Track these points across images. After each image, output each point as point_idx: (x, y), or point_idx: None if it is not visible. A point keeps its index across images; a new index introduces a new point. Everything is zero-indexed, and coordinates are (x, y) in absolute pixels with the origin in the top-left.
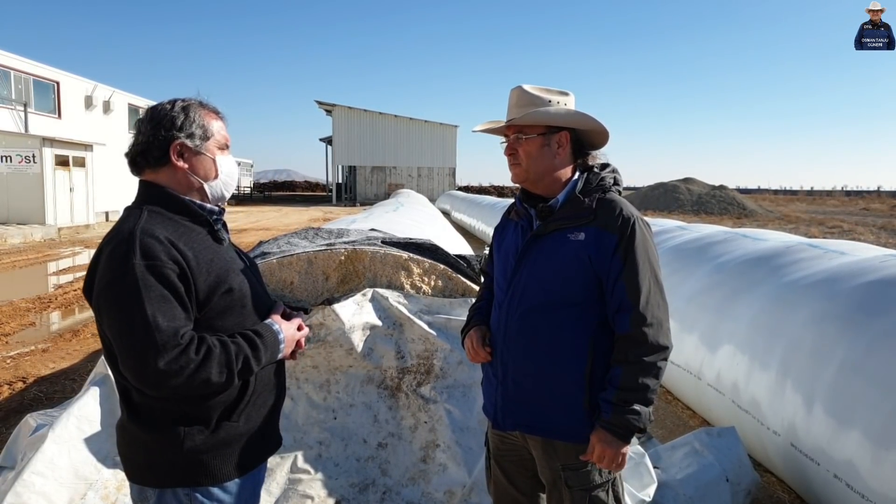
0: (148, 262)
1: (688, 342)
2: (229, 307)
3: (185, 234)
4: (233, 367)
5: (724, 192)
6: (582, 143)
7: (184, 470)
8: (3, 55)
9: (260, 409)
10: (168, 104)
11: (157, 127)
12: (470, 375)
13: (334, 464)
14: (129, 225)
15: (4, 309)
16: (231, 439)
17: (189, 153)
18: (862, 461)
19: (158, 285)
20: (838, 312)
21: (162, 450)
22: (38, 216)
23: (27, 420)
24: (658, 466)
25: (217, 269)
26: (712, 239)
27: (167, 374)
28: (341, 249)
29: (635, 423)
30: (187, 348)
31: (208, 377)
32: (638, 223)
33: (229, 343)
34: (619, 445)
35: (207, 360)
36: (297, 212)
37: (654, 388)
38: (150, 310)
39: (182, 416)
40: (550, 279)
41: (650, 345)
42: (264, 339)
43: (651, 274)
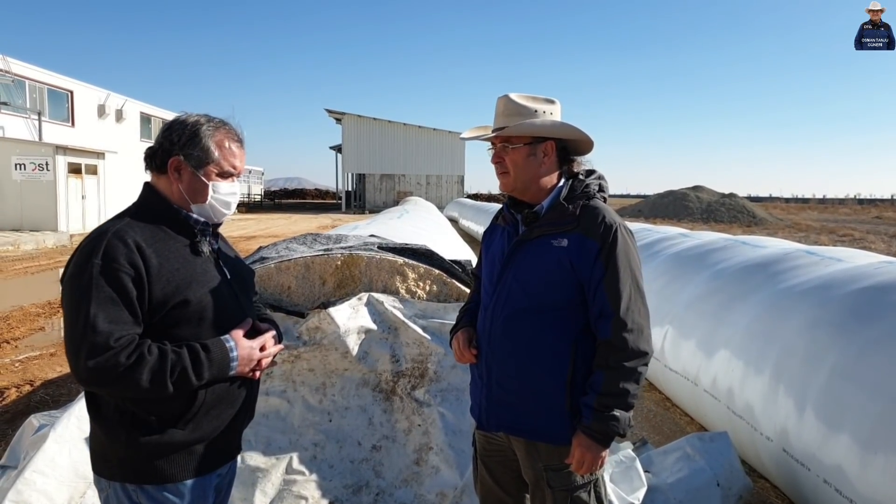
0: (104, 263)
1: (685, 348)
2: (184, 318)
3: (162, 241)
4: (165, 376)
5: (734, 200)
6: (567, 151)
7: (131, 467)
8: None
9: (213, 420)
10: (189, 118)
11: (167, 137)
12: (463, 379)
13: (329, 465)
14: (108, 226)
15: (15, 314)
16: (178, 445)
17: (185, 172)
18: (850, 466)
19: (107, 287)
20: (831, 319)
21: (112, 445)
22: (51, 223)
23: (30, 420)
24: (649, 470)
25: (178, 280)
26: (712, 246)
27: (96, 371)
28: (338, 254)
29: (615, 428)
30: (119, 352)
31: (137, 382)
32: (620, 230)
33: (169, 353)
34: (599, 450)
35: (138, 366)
36: (306, 219)
37: (635, 394)
38: (94, 310)
39: (131, 416)
40: (534, 284)
41: (630, 350)
42: (210, 355)
43: (632, 280)
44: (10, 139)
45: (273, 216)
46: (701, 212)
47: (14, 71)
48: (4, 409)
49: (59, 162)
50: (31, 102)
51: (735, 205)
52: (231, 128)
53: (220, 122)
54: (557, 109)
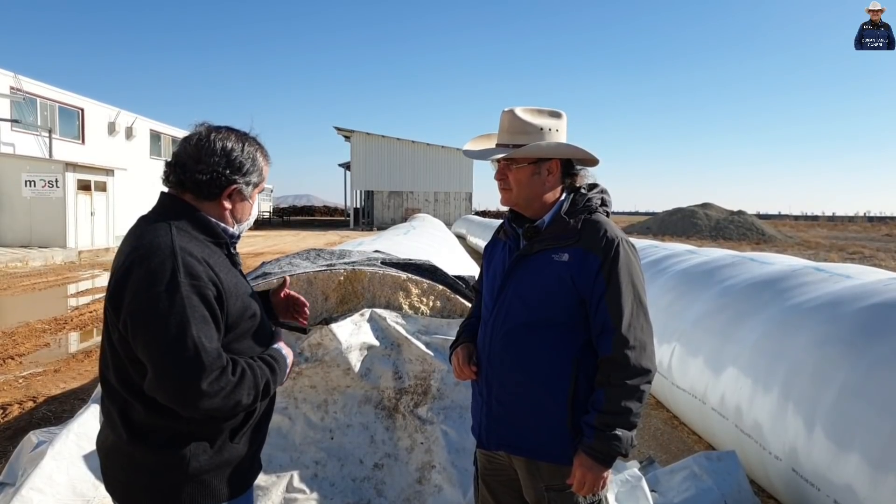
0: (193, 282)
1: (693, 366)
2: (249, 331)
3: (211, 255)
4: (259, 389)
5: (743, 218)
6: (572, 164)
7: (188, 491)
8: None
9: (258, 433)
10: (237, 143)
11: (225, 166)
12: (467, 397)
13: (330, 484)
14: (166, 241)
15: (21, 330)
16: (231, 460)
17: (238, 197)
18: (861, 485)
19: (202, 306)
20: (840, 335)
21: (168, 472)
22: (60, 239)
23: (29, 437)
24: (656, 490)
25: (242, 294)
26: (720, 263)
27: (207, 394)
28: (341, 270)
29: (617, 447)
30: (225, 370)
31: (240, 399)
32: (622, 245)
33: (255, 366)
34: (601, 470)
35: (241, 381)
36: (314, 236)
37: (638, 412)
38: (196, 330)
39: (188, 436)
40: (534, 299)
41: (632, 368)
42: (279, 364)
43: (634, 296)
44: (20, 156)
45: (281, 233)
46: (709, 229)
47: (26, 89)
48: (6, 426)
49: (68, 179)
50: (42, 120)
51: (744, 222)
52: (264, 146)
53: (257, 141)
54: (563, 124)
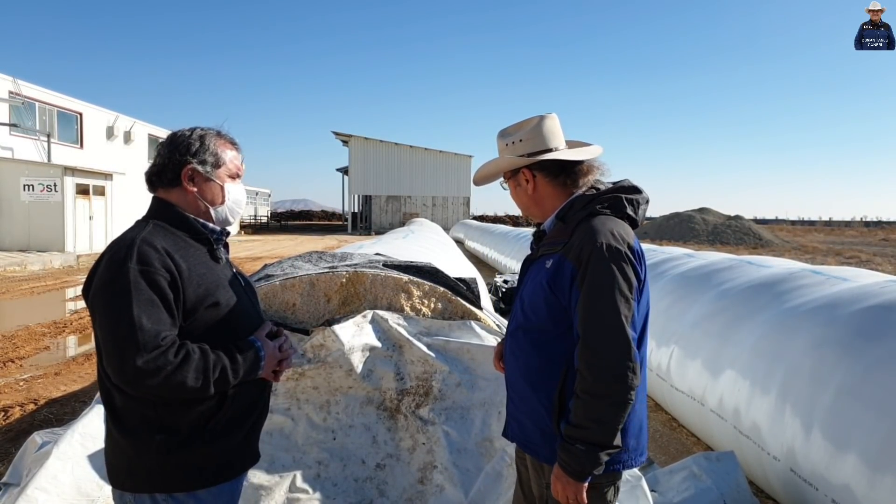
0: (142, 268)
1: (691, 368)
2: (214, 319)
3: (184, 248)
4: (209, 375)
5: (740, 223)
6: (565, 169)
7: (160, 476)
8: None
9: (239, 424)
10: (188, 131)
11: (173, 151)
12: (468, 398)
13: (332, 484)
14: (133, 234)
15: (20, 333)
16: (206, 449)
17: (199, 178)
18: (858, 485)
19: (148, 289)
20: (837, 337)
21: (139, 455)
22: (58, 244)
23: (33, 437)
24: (655, 490)
25: (207, 283)
26: (717, 266)
27: (145, 372)
28: (343, 272)
29: (581, 463)
30: (167, 350)
31: (184, 381)
32: (603, 249)
33: (209, 352)
34: (573, 484)
35: (185, 364)
36: (312, 241)
37: (605, 428)
38: (137, 311)
39: (160, 422)
40: (528, 304)
41: (596, 381)
42: (245, 355)
43: (607, 304)
44: (19, 160)
45: (279, 237)
46: (707, 234)
47: (24, 93)
48: (8, 428)
49: (67, 183)
50: (40, 124)
51: (741, 227)
52: (227, 134)
53: (216, 131)
54: (526, 131)
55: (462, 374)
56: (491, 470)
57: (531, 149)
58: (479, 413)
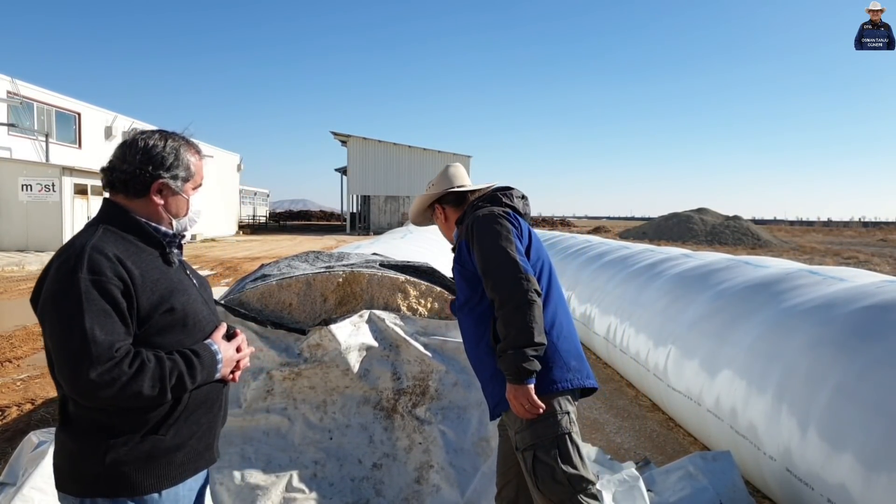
0: (93, 277)
1: (688, 368)
2: (170, 325)
3: (136, 253)
4: (166, 382)
5: (739, 223)
6: (462, 199)
7: (106, 480)
8: (27, 87)
9: (192, 426)
10: (160, 140)
11: (145, 163)
12: (465, 397)
13: (329, 483)
14: (82, 240)
15: (18, 333)
16: (157, 452)
17: (168, 192)
18: (854, 485)
19: (101, 299)
20: (833, 338)
21: (85, 460)
22: (56, 243)
23: (30, 437)
24: (652, 490)
25: (161, 289)
26: (715, 266)
27: (98, 384)
28: (339, 272)
29: (514, 363)
30: (121, 361)
31: (140, 390)
32: (477, 218)
33: (165, 359)
34: (519, 389)
35: (140, 374)
36: (310, 241)
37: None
38: (90, 322)
39: (110, 427)
40: (456, 287)
41: (500, 297)
42: (201, 359)
43: (492, 245)
44: (17, 160)
45: (278, 237)
46: (705, 234)
47: (22, 93)
48: (5, 428)
49: (65, 183)
50: (38, 124)
51: (739, 227)
52: (193, 142)
53: (184, 138)
54: (437, 177)
55: (459, 374)
56: (487, 470)
57: (440, 189)
58: (475, 413)
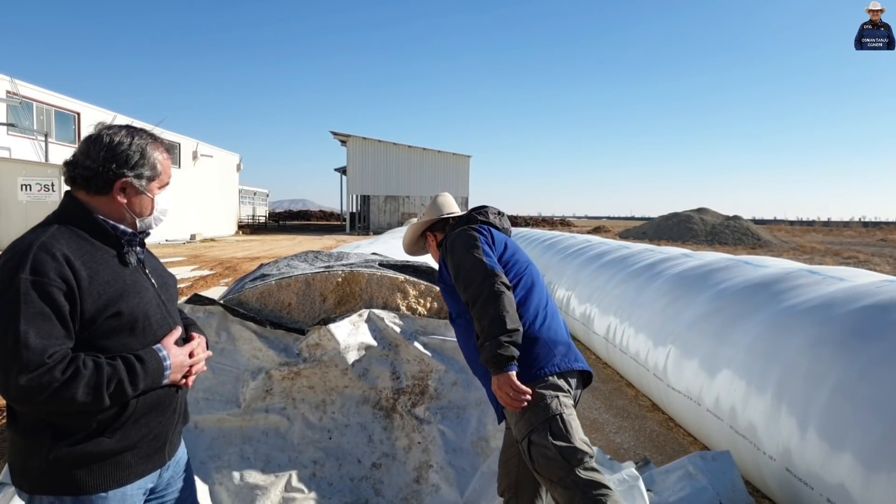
0: (34, 278)
1: (688, 368)
2: (116, 329)
3: (89, 252)
4: (102, 389)
5: (739, 223)
6: (442, 224)
7: (50, 478)
8: (26, 87)
9: (141, 429)
10: (125, 137)
11: (109, 160)
12: (464, 397)
13: (328, 483)
14: (31, 238)
15: None
16: (102, 454)
17: (132, 191)
18: (853, 484)
19: (40, 301)
20: (833, 337)
21: (31, 457)
22: None
23: None
24: (651, 489)
25: (110, 292)
26: (714, 266)
27: (29, 389)
28: (339, 271)
29: (490, 353)
30: (53, 368)
31: (73, 396)
32: (450, 238)
33: (105, 366)
34: (499, 377)
35: (73, 380)
36: (310, 241)
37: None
38: (24, 326)
39: (53, 427)
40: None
41: (471, 295)
42: (145, 365)
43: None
44: (16, 160)
45: (277, 237)
46: (705, 234)
47: (22, 93)
48: (3, 428)
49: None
50: (38, 124)
51: (739, 227)
52: (160, 139)
53: (152, 135)
54: (428, 206)
55: (458, 374)
56: (487, 469)
57: (431, 217)
58: (474, 412)
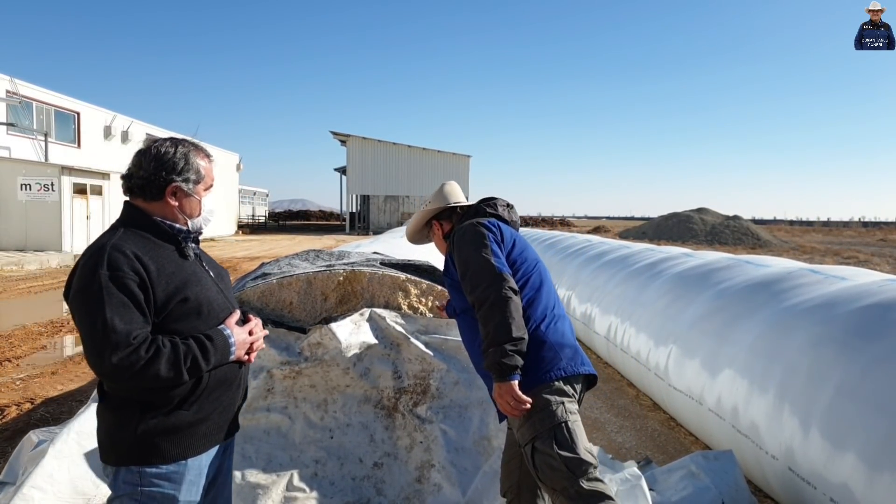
0: (112, 273)
1: (689, 367)
2: (184, 314)
3: (153, 249)
4: (180, 364)
5: (738, 223)
6: (450, 212)
7: (138, 449)
8: (26, 86)
9: (213, 403)
10: (171, 147)
11: (159, 168)
12: (466, 396)
13: (330, 483)
14: (104, 240)
15: (17, 333)
16: (182, 425)
17: (181, 194)
18: (857, 484)
19: (119, 293)
20: (835, 336)
21: (121, 430)
22: (55, 243)
23: (29, 436)
24: (654, 489)
25: (176, 281)
26: (715, 265)
27: (119, 368)
28: (340, 270)
29: (495, 360)
30: (139, 348)
31: (157, 373)
32: (458, 232)
33: (180, 344)
34: (503, 386)
35: (156, 358)
36: (310, 240)
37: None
38: (110, 313)
39: (141, 402)
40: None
41: (478, 297)
42: (214, 342)
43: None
44: (16, 160)
45: (277, 237)
46: (705, 234)
47: (22, 93)
48: (4, 427)
49: (64, 182)
50: (37, 124)
51: (739, 227)
52: (202, 146)
53: (194, 144)
54: (433, 194)
55: (460, 373)
56: (489, 469)
57: (437, 205)
58: (476, 412)
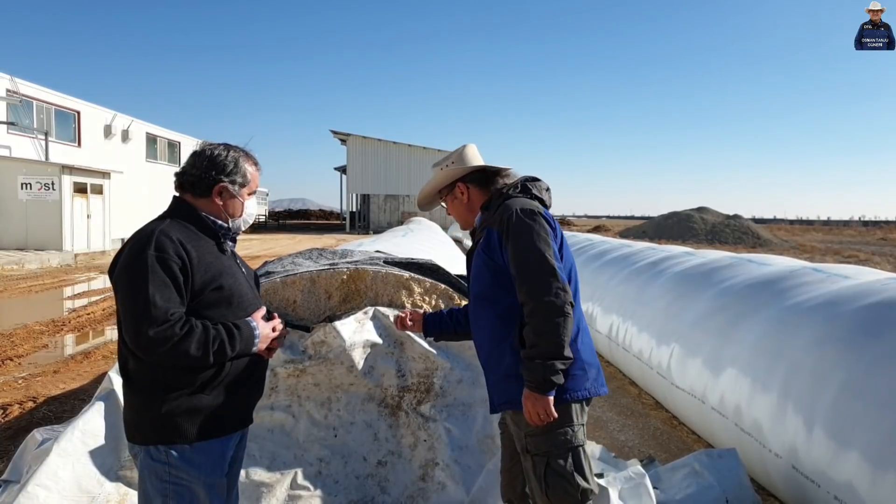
0: (158, 254)
1: (692, 366)
2: (217, 301)
3: (195, 240)
4: (209, 347)
5: (739, 222)
6: (487, 177)
7: (163, 430)
8: (26, 85)
9: (232, 390)
10: (223, 150)
11: (209, 168)
12: (470, 394)
13: (334, 481)
14: (153, 227)
15: (19, 332)
16: (202, 408)
17: (227, 195)
18: (861, 482)
19: (163, 273)
20: (839, 335)
21: (147, 410)
22: (56, 242)
23: (33, 434)
24: (657, 487)
25: (213, 270)
26: (718, 264)
27: (155, 341)
28: (343, 269)
29: (541, 374)
30: (175, 324)
31: (187, 350)
32: (516, 212)
33: (210, 328)
34: (540, 399)
35: (189, 336)
36: (310, 240)
37: (552, 340)
38: (152, 290)
39: (164, 383)
40: (474, 274)
41: (535, 304)
42: (241, 331)
43: (529, 246)
44: (16, 159)
45: (277, 237)
46: (705, 233)
47: (22, 91)
48: (7, 426)
49: (64, 181)
50: (38, 123)
51: (739, 226)
52: (251, 154)
53: (244, 151)
54: (455, 154)
55: (463, 371)
56: (493, 467)
57: (463, 166)
58: (480, 410)
